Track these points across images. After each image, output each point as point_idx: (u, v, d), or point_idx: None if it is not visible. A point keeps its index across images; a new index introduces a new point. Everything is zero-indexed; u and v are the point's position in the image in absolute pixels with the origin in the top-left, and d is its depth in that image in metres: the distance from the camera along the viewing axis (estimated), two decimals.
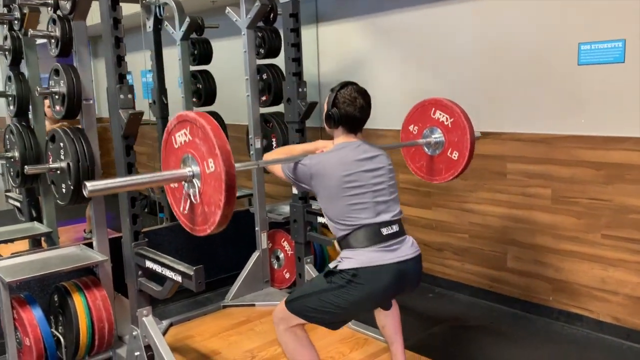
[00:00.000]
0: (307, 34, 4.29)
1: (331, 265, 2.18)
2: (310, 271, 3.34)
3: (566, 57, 3.02)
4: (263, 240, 3.68)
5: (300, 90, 3.21)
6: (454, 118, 2.58)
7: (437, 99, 2.65)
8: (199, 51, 4.12)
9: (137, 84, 6.33)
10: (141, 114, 2.54)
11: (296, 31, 3.19)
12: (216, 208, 1.69)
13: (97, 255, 2.94)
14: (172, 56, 4.35)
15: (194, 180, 1.76)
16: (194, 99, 4.20)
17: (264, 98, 3.68)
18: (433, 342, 2.99)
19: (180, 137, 1.79)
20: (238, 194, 4.92)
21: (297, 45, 3.20)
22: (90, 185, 1.65)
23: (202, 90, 4.15)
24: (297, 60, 3.21)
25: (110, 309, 2.87)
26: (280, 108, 3.82)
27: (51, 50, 2.84)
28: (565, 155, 3.12)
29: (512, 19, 3.23)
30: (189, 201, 1.81)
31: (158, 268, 2.50)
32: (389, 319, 2.50)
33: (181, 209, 1.85)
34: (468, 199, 3.59)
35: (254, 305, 3.54)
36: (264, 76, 3.65)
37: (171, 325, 3.32)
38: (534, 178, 3.26)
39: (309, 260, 3.37)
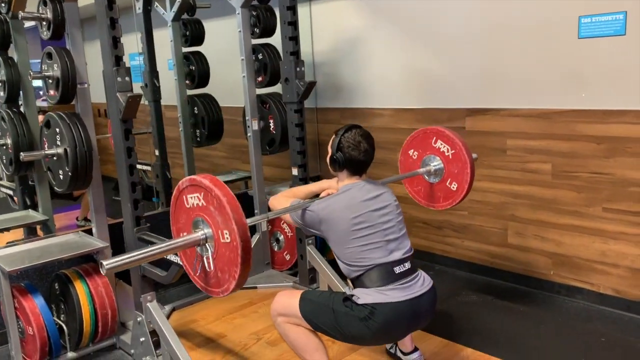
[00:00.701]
0: (300, 12, 4.21)
1: (347, 291, 2.18)
2: (312, 252, 3.33)
3: (566, 31, 3.00)
4: (263, 222, 3.64)
5: (298, 69, 3.16)
6: (455, 150, 2.58)
7: (439, 129, 2.64)
8: (191, 32, 4.05)
9: None
10: (140, 96, 2.49)
11: (293, 9, 3.13)
12: (231, 278, 1.68)
13: (98, 242, 2.91)
14: (162, 38, 4.28)
15: (207, 244, 1.74)
16: (187, 81, 4.14)
17: (260, 79, 3.63)
18: (438, 319, 2.97)
19: (193, 199, 1.77)
20: (234, 177, 4.87)
21: (294, 24, 3.14)
22: (107, 263, 1.63)
23: (195, 72, 4.09)
24: (294, 39, 3.16)
25: (112, 296, 2.85)
26: (277, 88, 3.77)
27: (42, 33, 2.76)
28: (565, 129, 3.12)
29: None
30: (201, 264, 1.80)
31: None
32: None
33: (193, 270, 1.84)
34: None
35: (255, 287, 3.52)
36: (260, 56, 3.59)
37: (174, 310, 3.30)
38: (534, 153, 3.26)
39: (310, 241, 3.35)
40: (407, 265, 2.19)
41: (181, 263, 2.36)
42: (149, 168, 4.56)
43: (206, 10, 4.16)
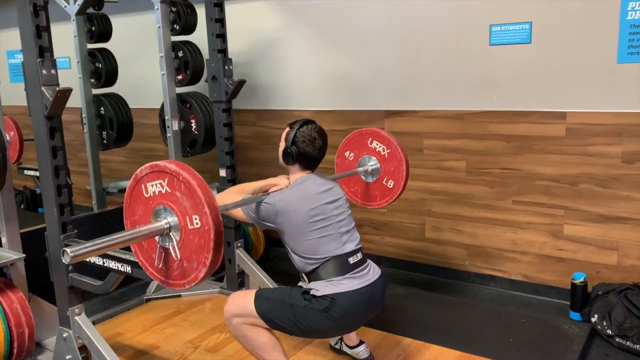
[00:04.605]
0: None
1: (304, 285, 2.18)
2: (241, 255, 3.26)
3: (478, 38, 3.25)
4: None
5: (226, 67, 3.09)
6: (390, 149, 2.68)
7: (374, 130, 2.73)
8: (97, 27, 3.78)
9: (3, 67, 5.66)
10: (70, 90, 2.29)
11: (220, 5, 3.05)
12: (200, 265, 1.60)
13: (10, 254, 2.63)
14: (59, 33, 3.96)
15: (170, 233, 1.65)
16: (92, 80, 3.86)
17: (180, 77, 3.48)
18: None
19: (154, 187, 1.67)
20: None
21: (221, 21, 3.07)
22: (71, 251, 1.54)
23: (102, 70, 3.82)
24: (222, 37, 3.08)
25: (29, 313, 2.59)
26: (196, 88, 3.66)
27: None
28: (478, 129, 3.36)
29: (426, 2, 3.39)
30: (163, 255, 1.69)
31: (99, 260, 2.29)
32: None
33: (156, 263, 1.72)
34: None
35: (179, 296, 3.36)
36: (180, 54, 3.45)
37: (93, 324, 3.04)
38: (449, 152, 3.48)
39: (239, 244, 3.28)
40: (359, 255, 2.25)
41: (121, 270, 2.24)
42: None
43: (113, 5, 3.92)
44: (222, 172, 3.23)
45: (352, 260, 2.20)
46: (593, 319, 2.84)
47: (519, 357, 2.63)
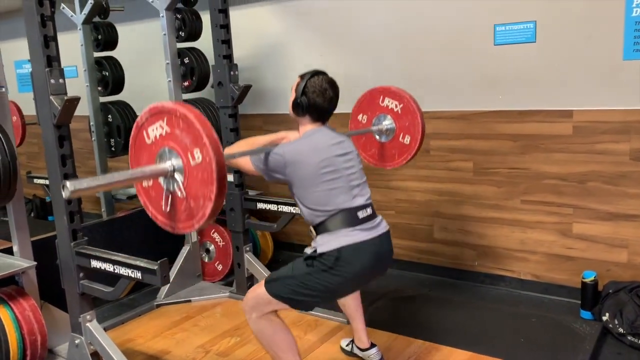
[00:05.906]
0: None
1: (308, 250, 2.16)
2: (250, 259, 3.27)
3: (483, 38, 3.25)
4: (193, 233, 3.52)
5: (232, 73, 3.11)
6: (403, 104, 2.63)
7: (384, 87, 2.68)
8: (104, 36, 3.81)
9: (11, 77, 5.71)
10: (78, 99, 2.31)
11: (224, 12, 3.07)
12: (206, 201, 1.59)
13: (22, 262, 2.65)
14: (68, 42, 4.00)
15: (175, 175, 1.65)
16: (100, 88, 3.90)
17: (186, 83, 3.51)
18: (382, 315, 3.08)
19: (155, 130, 1.67)
20: None
21: (226, 27, 3.09)
22: (70, 184, 1.52)
23: (109, 77, 3.85)
24: (227, 42, 3.10)
25: (41, 320, 2.61)
26: (203, 94, 3.68)
27: None
28: (484, 129, 3.36)
29: (430, 2, 3.39)
30: (170, 198, 1.70)
31: (109, 267, 2.31)
32: (349, 298, 2.55)
33: (163, 207, 1.71)
34: (393, 177, 3.73)
35: (190, 301, 3.38)
36: (186, 60, 3.47)
37: (105, 330, 3.06)
38: (456, 152, 3.48)
39: (248, 248, 3.29)
40: (369, 210, 2.21)
41: (131, 276, 2.25)
42: None
43: (119, 13, 3.95)
44: (230, 177, 3.24)
45: (361, 214, 2.16)
46: (604, 318, 2.82)
47: (530, 357, 2.62)
